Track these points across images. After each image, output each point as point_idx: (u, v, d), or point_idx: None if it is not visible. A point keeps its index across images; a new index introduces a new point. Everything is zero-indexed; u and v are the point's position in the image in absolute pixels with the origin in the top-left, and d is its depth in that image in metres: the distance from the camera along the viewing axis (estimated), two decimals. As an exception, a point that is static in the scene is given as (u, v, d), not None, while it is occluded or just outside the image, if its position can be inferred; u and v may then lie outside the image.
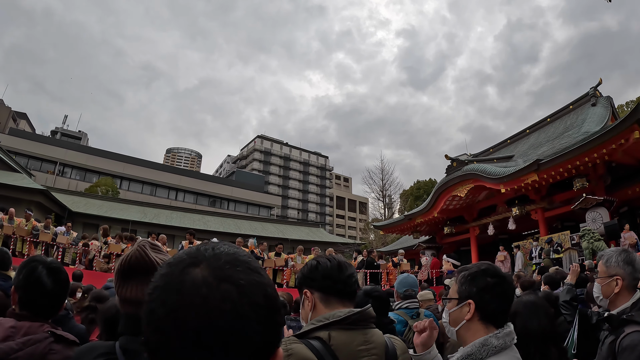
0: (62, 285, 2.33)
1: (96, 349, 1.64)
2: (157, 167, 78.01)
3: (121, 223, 37.47)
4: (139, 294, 1.62)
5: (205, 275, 0.74)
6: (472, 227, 23.94)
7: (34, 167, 61.76)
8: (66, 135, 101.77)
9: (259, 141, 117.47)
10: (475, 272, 2.01)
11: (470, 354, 1.83)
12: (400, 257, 19.64)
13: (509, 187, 18.74)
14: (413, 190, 58.28)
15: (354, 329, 1.98)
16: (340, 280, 2.07)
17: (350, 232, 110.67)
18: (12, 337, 2.10)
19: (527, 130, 26.83)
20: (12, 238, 16.33)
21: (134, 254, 1.70)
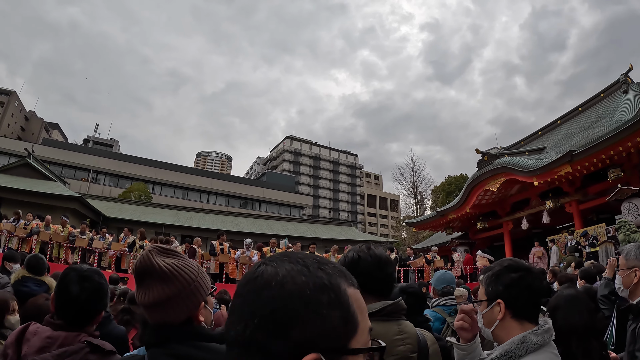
0: (91, 292, 2.29)
1: None
2: (188, 171, 78.87)
3: (154, 227, 37.95)
4: (149, 298, 1.64)
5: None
6: (505, 221, 23.64)
7: (67, 175, 63.05)
8: (98, 143, 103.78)
9: (288, 142, 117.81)
10: (499, 270, 2.00)
11: (510, 351, 1.81)
12: (433, 253, 19.48)
13: (542, 179, 18.43)
14: (444, 186, 57.81)
15: (389, 320, 2.01)
16: (379, 279, 2.08)
17: (382, 230, 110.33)
18: (48, 347, 2.11)
19: (558, 121, 26.32)
20: (49, 244, 16.83)
21: (140, 259, 1.71)
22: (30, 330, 2.21)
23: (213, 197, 76.54)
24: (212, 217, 49.47)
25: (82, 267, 2.43)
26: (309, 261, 0.83)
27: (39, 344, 2.13)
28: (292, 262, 0.83)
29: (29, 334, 2.19)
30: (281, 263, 0.82)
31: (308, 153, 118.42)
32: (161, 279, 1.64)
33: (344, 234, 49.64)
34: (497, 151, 23.06)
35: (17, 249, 15.55)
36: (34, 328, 2.22)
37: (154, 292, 1.63)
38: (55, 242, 17.03)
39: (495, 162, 20.88)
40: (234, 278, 16.79)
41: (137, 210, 46.01)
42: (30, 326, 2.24)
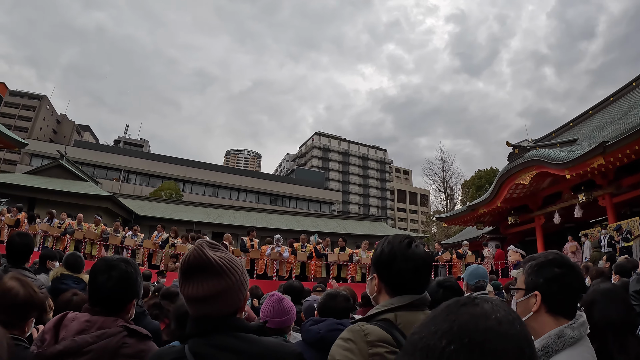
0: (118, 280, 2.33)
1: (166, 354, 1.69)
2: (218, 169, 79.63)
3: (186, 224, 38.36)
4: (201, 292, 1.67)
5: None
6: (537, 216, 23.31)
7: (99, 175, 64.34)
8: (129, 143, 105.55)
9: (317, 138, 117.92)
10: (543, 262, 1.97)
11: (547, 346, 1.79)
12: (464, 248, 19.36)
13: (574, 172, 18.09)
14: (474, 180, 57.13)
15: (417, 310, 2.00)
16: (412, 280, 2.04)
17: (412, 225, 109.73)
18: (87, 330, 2.18)
19: (589, 112, 25.79)
20: (83, 242, 17.36)
21: (192, 253, 1.73)
22: (68, 317, 2.28)
23: (243, 194, 77.14)
24: (242, 214, 49.88)
25: (112, 257, 2.49)
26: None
27: (77, 327, 2.21)
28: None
29: (67, 320, 2.26)
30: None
31: (337, 149, 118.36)
32: (215, 273, 1.69)
33: (374, 229, 49.52)
34: (528, 143, 22.70)
35: (52, 247, 15.91)
36: (72, 315, 2.30)
37: (208, 286, 1.67)
38: (89, 239, 17.52)
39: (526, 155, 20.57)
40: (264, 274, 16.93)
41: (169, 208, 46.63)
42: (69, 314, 2.31)
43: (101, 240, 17.65)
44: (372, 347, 1.77)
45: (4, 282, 2.57)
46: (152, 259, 17.60)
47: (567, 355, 1.76)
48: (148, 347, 2.25)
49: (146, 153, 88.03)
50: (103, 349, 2.12)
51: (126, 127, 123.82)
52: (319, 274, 17.15)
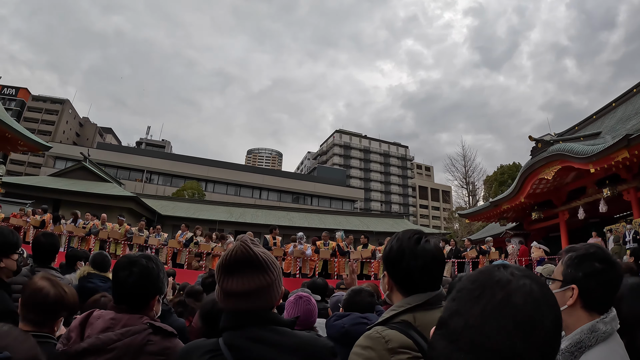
0: (139, 276, 2.34)
1: (200, 347, 1.71)
2: (239, 168, 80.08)
3: (208, 223, 38.61)
4: (244, 287, 1.72)
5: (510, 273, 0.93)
6: (561, 211, 23.03)
7: (122, 176, 65.18)
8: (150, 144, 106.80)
9: (338, 136, 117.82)
10: (583, 255, 1.92)
11: (580, 341, 1.76)
12: (488, 244, 19.23)
13: (598, 166, 17.83)
14: (497, 176, 56.61)
15: (434, 309, 1.95)
16: (422, 277, 1.97)
17: (435, 222, 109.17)
18: (112, 328, 2.21)
19: (612, 104, 25.31)
20: (107, 242, 17.69)
21: (238, 248, 1.78)
22: (94, 315, 2.32)
23: (265, 192, 77.45)
24: (264, 212, 50.08)
25: (134, 253, 2.51)
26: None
27: (102, 325, 2.24)
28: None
29: (93, 318, 2.29)
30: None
31: (358, 146, 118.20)
32: (260, 268, 1.75)
33: (396, 226, 49.33)
34: (551, 138, 22.44)
35: (78, 247, 16.15)
36: (97, 313, 2.33)
37: (251, 281, 1.73)
38: (113, 239, 17.82)
39: (549, 149, 20.32)
40: (287, 272, 17.02)
41: (191, 207, 46.99)
42: (95, 312, 2.35)
43: (125, 240, 17.94)
44: (394, 354, 1.71)
45: (35, 281, 2.61)
46: (177, 258, 17.84)
47: (599, 350, 1.74)
48: (173, 345, 2.27)
49: (168, 154, 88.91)
50: (127, 347, 2.15)
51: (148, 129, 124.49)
52: (342, 271, 17.17)
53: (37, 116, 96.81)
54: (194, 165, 74.46)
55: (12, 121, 26.16)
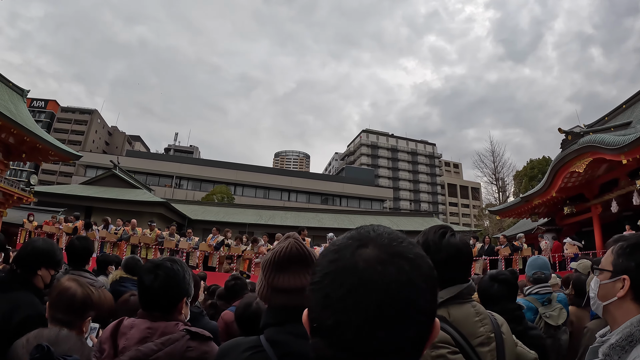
0: (164, 279, 2.32)
1: (241, 344, 1.70)
2: (267, 171, 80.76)
3: (238, 227, 38.88)
4: (297, 283, 1.73)
5: (376, 253, 0.80)
6: (594, 205, 22.56)
7: (152, 182, 66.21)
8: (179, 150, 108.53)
9: (365, 135, 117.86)
10: (635, 244, 1.80)
11: (631, 334, 1.65)
12: (520, 241, 18.97)
13: (630, 157, 17.43)
14: (526, 171, 55.75)
15: (465, 302, 1.99)
16: (446, 271, 1.97)
17: (465, 219, 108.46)
18: (149, 337, 2.20)
19: (642, 92, 24.85)
20: (139, 247, 18.05)
21: (293, 246, 1.79)
22: (125, 324, 2.29)
23: (294, 194, 77.88)
24: (293, 214, 50.29)
25: (160, 259, 2.49)
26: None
27: (138, 335, 2.21)
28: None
29: (124, 327, 2.27)
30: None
31: (385, 145, 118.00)
32: (311, 266, 1.74)
33: (426, 225, 48.19)
34: (581, 129, 22.00)
35: (110, 252, 16.42)
36: (128, 322, 2.30)
37: (304, 278, 1.72)
38: (144, 243, 18.15)
39: (579, 141, 19.93)
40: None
41: (221, 211, 47.42)
42: (125, 321, 2.32)
43: (156, 244, 18.20)
44: (434, 349, 1.73)
45: (61, 282, 2.65)
46: (208, 261, 18.06)
47: None
48: (211, 349, 2.27)
49: (196, 159, 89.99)
50: (169, 356, 2.14)
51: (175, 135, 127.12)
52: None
53: (66, 127, 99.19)
54: (223, 169, 75.12)
55: (42, 132, 26.76)
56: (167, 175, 72.52)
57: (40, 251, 3.33)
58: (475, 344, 1.90)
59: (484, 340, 1.95)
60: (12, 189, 25.34)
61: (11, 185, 25.83)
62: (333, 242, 0.89)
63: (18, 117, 23.90)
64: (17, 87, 27.98)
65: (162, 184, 70.70)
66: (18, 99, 27.65)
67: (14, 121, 22.44)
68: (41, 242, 3.44)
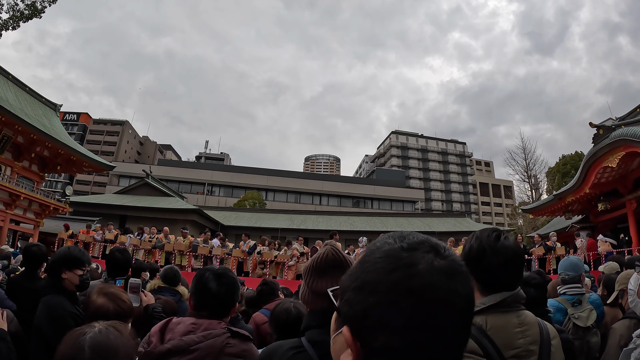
0: (227, 287, 2.60)
1: (283, 345, 1.78)
2: (298, 176, 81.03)
3: (270, 232, 39.08)
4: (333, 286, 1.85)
5: (443, 265, 0.82)
6: (628, 200, 22.10)
7: (184, 190, 66.97)
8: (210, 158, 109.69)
9: (394, 137, 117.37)
10: None
11: None
12: (552, 239, 18.74)
13: (664, 150, 17.20)
14: (559, 167, 54.73)
15: (509, 312, 1.98)
16: (506, 275, 2.02)
17: (497, 218, 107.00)
18: (193, 332, 2.42)
19: (677, 82, 24.24)
20: (173, 254, 18.40)
21: (329, 252, 1.92)
22: (173, 321, 2.55)
23: (325, 198, 77.97)
24: (325, 218, 50.32)
25: (214, 267, 2.77)
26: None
27: (184, 329, 2.45)
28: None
29: (173, 324, 2.52)
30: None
31: (415, 146, 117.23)
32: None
33: (459, 225, 48.68)
34: (612, 122, 21.61)
35: (144, 260, 16.72)
36: (177, 320, 2.57)
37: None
38: (178, 250, 18.50)
39: (611, 135, 19.56)
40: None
41: (253, 217, 47.77)
42: (173, 319, 2.59)
43: (190, 251, 18.46)
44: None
45: (93, 300, 2.85)
46: (243, 267, 18.39)
47: None
48: (250, 348, 2.48)
49: (227, 166, 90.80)
50: (209, 348, 2.35)
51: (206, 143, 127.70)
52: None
53: (99, 138, 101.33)
54: (254, 175, 75.76)
55: (76, 145, 27.43)
56: (199, 183, 73.39)
57: (58, 256, 3.69)
58: (509, 355, 1.90)
59: (521, 353, 1.93)
60: (48, 200, 26.05)
61: (47, 196, 26.56)
62: (386, 252, 0.86)
63: (52, 130, 24.56)
64: (49, 102, 28.72)
65: (195, 191, 71.56)
66: (51, 113, 28.37)
67: (48, 135, 23.10)
68: (60, 250, 3.82)
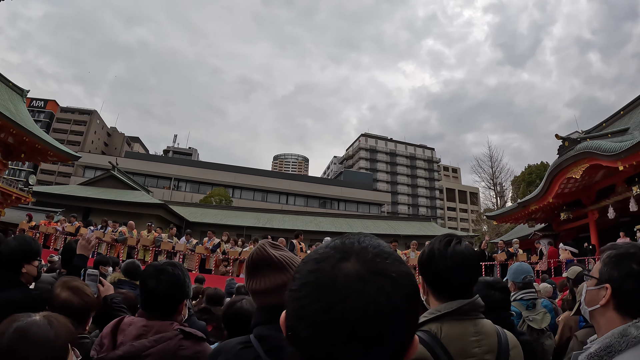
0: (168, 283, 2.43)
1: (232, 342, 1.78)
2: (266, 174, 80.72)
3: (236, 229, 38.91)
4: (264, 285, 1.81)
5: (358, 269, 0.77)
6: (591, 211, 22.61)
7: (150, 184, 66.24)
8: (178, 152, 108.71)
9: (364, 139, 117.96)
10: (622, 254, 1.78)
11: (609, 345, 1.66)
12: (515, 246, 19.00)
13: (627, 163, 17.47)
14: (524, 176, 55.68)
15: (466, 320, 1.95)
16: (457, 281, 1.99)
17: (463, 224, 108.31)
18: (144, 335, 2.33)
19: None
20: (136, 249, 18.04)
21: (255, 251, 1.88)
22: (125, 321, 2.43)
23: (292, 198, 77.89)
24: (292, 217, 50.28)
25: (159, 262, 2.63)
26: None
27: (135, 332, 2.34)
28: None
29: (124, 324, 2.41)
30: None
31: (384, 149, 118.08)
32: (276, 268, 1.83)
33: (424, 229, 49.09)
34: (578, 135, 22.09)
35: (106, 253, 16.41)
36: (128, 320, 2.45)
37: (270, 280, 1.81)
38: (142, 245, 18.10)
39: (576, 147, 19.99)
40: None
41: (219, 214, 47.46)
42: (125, 318, 2.47)
43: (154, 246, 18.17)
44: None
45: (57, 294, 2.74)
46: (206, 264, 18.10)
47: (629, 356, 1.63)
48: (203, 349, 2.39)
49: (195, 161, 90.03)
50: (162, 352, 2.26)
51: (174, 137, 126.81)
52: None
53: (65, 127, 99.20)
54: (221, 172, 75.13)
55: (41, 132, 26.74)
56: (166, 177, 72.46)
57: (17, 249, 3.42)
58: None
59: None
60: (11, 189, 25.37)
61: (10, 185, 25.86)
62: (316, 249, 0.85)
63: (17, 117, 23.90)
64: (16, 87, 27.96)
65: (161, 185, 70.66)
66: (18, 98, 27.64)
67: (14, 121, 22.43)
68: (15, 241, 3.51)
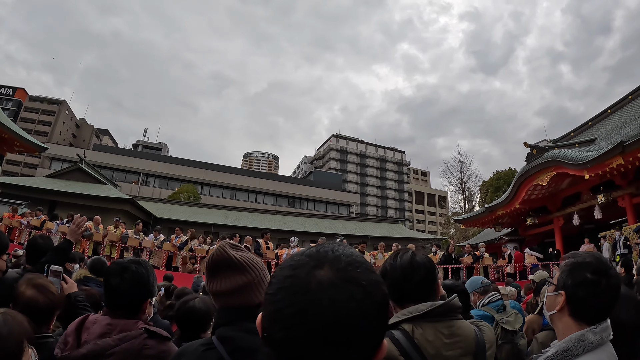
0: (131, 282, 2.40)
1: (195, 344, 1.78)
2: (236, 172, 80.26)
3: (204, 227, 38.64)
4: (225, 287, 1.80)
5: (330, 277, 0.82)
6: (556, 217, 23.07)
7: (118, 178, 65.05)
8: (147, 147, 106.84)
9: (335, 140, 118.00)
10: (578, 263, 1.86)
11: (566, 349, 1.73)
12: (481, 250, 19.22)
13: (592, 172, 17.86)
14: (493, 181, 56.55)
15: (440, 321, 1.97)
16: (409, 288, 2.04)
17: (431, 227, 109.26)
18: (108, 333, 2.28)
19: (608, 110, 25.32)
20: (102, 244, 17.53)
21: (215, 252, 1.87)
22: (90, 319, 2.38)
23: (261, 196, 77.53)
24: (260, 216, 50.04)
25: (123, 259, 2.59)
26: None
27: (99, 330, 2.29)
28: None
29: (89, 322, 2.36)
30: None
31: (354, 151, 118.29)
32: (237, 269, 1.82)
33: (392, 231, 49.35)
34: (546, 144, 22.53)
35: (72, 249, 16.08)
36: (93, 318, 2.40)
37: (230, 281, 1.81)
38: (109, 241, 17.69)
39: (544, 156, 20.39)
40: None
41: (187, 210, 46.96)
42: (90, 316, 2.42)
43: (120, 243, 17.81)
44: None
45: (22, 292, 2.65)
46: (172, 261, 17.83)
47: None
48: (168, 348, 2.35)
49: (165, 156, 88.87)
50: (125, 352, 2.22)
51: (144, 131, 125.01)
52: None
53: (33, 117, 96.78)
54: (190, 168, 74.32)
55: (8, 121, 26.14)
56: (134, 172, 71.41)
57: None
58: None
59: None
60: (-27, 180, 24.75)
61: (-28, 176, 25.23)
62: (292, 256, 0.90)
63: (-18, 106, 23.31)
64: (-17, 74, 27.24)
65: (129, 180, 69.55)
66: (-16, 86, 26.96)
67: (-21, 110, 21.89)
68: None
